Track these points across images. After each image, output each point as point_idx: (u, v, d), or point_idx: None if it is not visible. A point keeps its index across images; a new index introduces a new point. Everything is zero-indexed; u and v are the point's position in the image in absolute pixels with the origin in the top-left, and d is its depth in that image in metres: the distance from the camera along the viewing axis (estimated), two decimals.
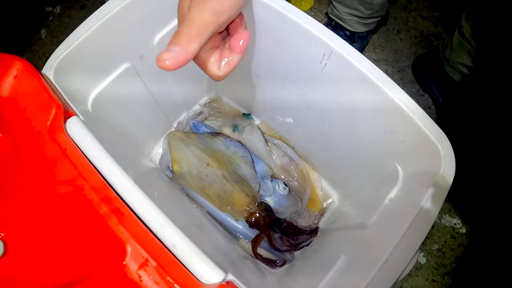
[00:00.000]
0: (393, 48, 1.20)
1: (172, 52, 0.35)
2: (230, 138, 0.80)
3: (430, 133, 0.51)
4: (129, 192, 0.41)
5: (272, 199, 0.77)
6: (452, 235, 1.00)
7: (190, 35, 0.37)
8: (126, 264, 0.37)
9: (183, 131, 0.84)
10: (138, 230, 0.39)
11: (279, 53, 0.62)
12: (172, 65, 0.35)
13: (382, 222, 0.56)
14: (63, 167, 0.41)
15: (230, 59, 0.44)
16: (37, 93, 0.45)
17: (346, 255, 0.56)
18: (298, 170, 0.83)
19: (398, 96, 0.52)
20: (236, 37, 0.44)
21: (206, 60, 0.43)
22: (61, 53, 0.52)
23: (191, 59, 0.37)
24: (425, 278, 0.96)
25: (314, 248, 0.74)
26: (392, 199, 0.57)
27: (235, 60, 0.44)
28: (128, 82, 0.65)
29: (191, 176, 0.72)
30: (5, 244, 0.34)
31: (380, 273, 0.46)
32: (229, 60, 0.44)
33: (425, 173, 0.52)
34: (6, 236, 0.35)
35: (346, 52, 0.52)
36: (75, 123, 0.45)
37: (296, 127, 0.80)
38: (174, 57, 0.35)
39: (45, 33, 1.24)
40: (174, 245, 0.40)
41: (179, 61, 0.36)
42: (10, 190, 0.39)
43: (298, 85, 0.66)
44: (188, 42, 0.36)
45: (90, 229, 0.39)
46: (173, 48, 0.36)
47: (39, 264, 0.35)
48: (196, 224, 0.60)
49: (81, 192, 0.40)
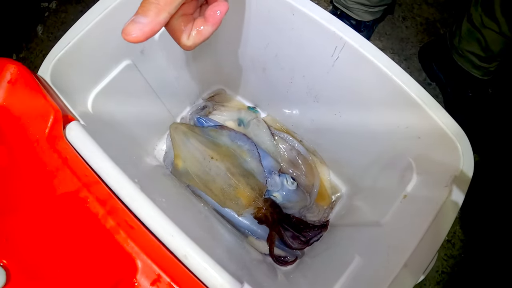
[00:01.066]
0: (399, 36, 1.17)
1: (139, 24, 0.33)
2: (235, 131, 0.78)
3: (447, 129, 0.49)
4: (136, 202, 0.39)
5: (280, 194, 0.76)
6: (461, 226, 0.98)
7: (160, 3, 0.33)
8: (137, 281, 0.35)
9: (186, 124, 0.82)
10: (148, 243, 0.37)
11: (287, 46, 0.59)
12: (138, 38, 0.33)
13: (398, 221, 0.54)
14: (64, 178, 0.39)
15: (201, 29, 0.40)
16: (33, 99, 0.42)
17: (361, 256, 0.54)
18: (306, 164, 0.81)
19: (414, 90, 0.50)
20: (213, 7, 0.40)
21: (177, 27, 0.39)
22: (57, 54, 0.48)
23: (159, 30, 0.34)
24: (435, 269, 0.95)
25: (325, 245, 0.73)
26: (407, 196, 0.55)
27: (207, 32, 0.40)
28: (129, 79, 0.63)
29: (193, 170, 0.70)
30: (7, 271, 0.32)
31: (399, 277, 0.44)
32: (200, 30, 0.40)
33: (443, 170, 0.49)
34: (8, 262, 0.32)
35: (360, 45, 0.50)
36: (75, 128, 0.43)
37: (304, 120, 0.77)
38: (141, 29, 0.33)
39: (42, 29, 1.20)
40: (186, 257, 0.38)
41: (146, 34, 0.33)
42: (8, 208, 0.37)
43: (307, 78, 0.64)
44: (156, 12, 0.33)
45: (97, 246, 0.36)
46: (140, 19, 0.33)
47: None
48: (205, 227, 0.58)
49: (85, 205, 0.37)
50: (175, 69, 0.72)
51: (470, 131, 0.51)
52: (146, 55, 0.63)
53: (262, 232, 0.74)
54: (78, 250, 0.36)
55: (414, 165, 0.56)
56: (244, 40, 0.66)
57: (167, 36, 0.62)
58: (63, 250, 0.35)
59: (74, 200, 0.38)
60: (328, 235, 0.76)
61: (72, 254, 0.36)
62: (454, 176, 0.48)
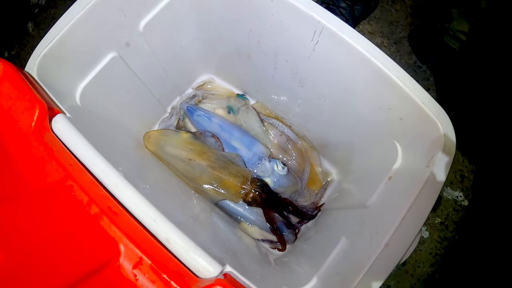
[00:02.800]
0: (388, 20, 1.16)
1: None
2: (194, 132, 0.79)
3: (429, 110, 0.49)
4: (119, 189, 0.40)
5: (271, 179, 0.77)
6: (454, 208, 0.99)
7: None
8: (120, 264, 0.37)
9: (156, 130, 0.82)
10: (130, 228, 0.38)
11: (268, 32, 0.60)
12: None
13: (382, 202, 0.55)
14: (51, 168, 0.40)
15: None
16: (20, 94, 0.43)
17: (348, 237, 0.55)
18: (296, 149, 0.82)
19: (394, 72, 0.50)
20: None
21: None
22: (42, 50, 0.50)
23: None
24: (428, 252, 0.96)
25: (316, 228, 0.74)
26: (391, 177, 0.56)
27: None
28: (116, 72, 0.63)
29: (180, 171, 0.71)
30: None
31: (381, 257, 0.45)
32: None
33: (425, 150, 0.50)
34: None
35: (339, 28, 0.50)
36: (60, 121, 0.44)
37: (292, 106, 0.78)
38: None
39: (32, 26, 1.21)
40: (168, 240, 0.39)
41: None
42: None
43: (290, 63, 0.64)
44: None
45: (83, 231, 0.38)
46: None
47: (32, 274, 0.35)
48: (192, 214, 0.59)
49: (71, 194, 0.39)
50: (162, 60, 0.73)
51: (462, 113, 0.51)
52: (132, 47, 0.63)
53: (254, 218, 0.75)
54: (66, 235, 0.37)
55: (399, 146, 0.56)
56: (228, 27, 0.67)
57: (152, 27, 0.63)
58: (50, 236, 0.37)
59: (60, 189, 0.39)
60: (319, 219, 0.77)
61: (60, 239, 0.37)
62: (435, 156, 0.48)
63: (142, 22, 0.62)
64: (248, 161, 0.77)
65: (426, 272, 0.95)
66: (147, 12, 0.61)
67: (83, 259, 0.36)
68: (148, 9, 0.61)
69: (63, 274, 0.35)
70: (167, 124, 0.84)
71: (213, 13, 0.65)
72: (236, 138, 0.79)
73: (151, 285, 0.36)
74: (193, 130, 0.84)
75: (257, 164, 0.76)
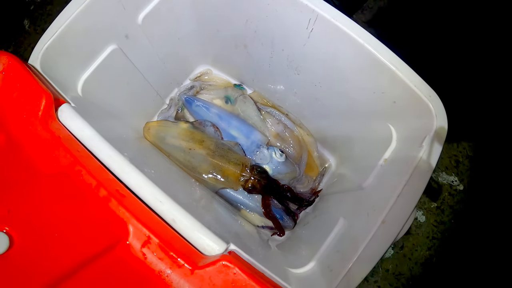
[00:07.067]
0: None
1: None
2: (192, 121, 0.80)
3: (420, 92, 0.51)
4: (125, 173, 0.42)
5: (270, 167, 0.78)
6: (450, 193, 1.01)
7: None
8: (129, 243, 0.38)
9: (155, 121, 0.83)
10: (138, 209, 0.40)
11: (264, 21, 0.62)
12: None
13: (378, 183, 0.57)
14: (59, 155, 0.42)
15: None
16: (25, 86, 0.44)
17: (346, 218, 0.57)
18: (293, 136, 0.84)
19: (386, 57, 0.52)
20: None
21: None
22: (45, 43, 0.51)
23: None
24: (425, 235, 0.98)
25: (315, 213, 0.76)
26: (387, 160, 0.58)
27: None
28: (116, 63, 0.65)
29: (181, 161, 0.73)
30: (11, 237, 0.35)
31: (378, 234, 0.47)
32: None
33: (418, 132, 0.52)
34: (11, 229, 0.35)
35: (332, 16, 0.52)
36: (66, 110, 0.46)
37: (288, 94, 0.80)
38: None
39: (28, 23, 1.21)
40: (174, 220, 0.41)
41: None
42: (9, 184, 0.40)
43: (286, 52, 0.66)
44: None
45: (93, 212, 0.39)
46: None
47: (45, 253, 0.36)
48: (195, 198, 0.61)
49: (79, 178, 0.41)
50: (160, 51, 0.74)
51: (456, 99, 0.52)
52: (131, 39, 0.65)
53: (254, 205, 0.77)
54: (75, 217, 0.39)
55: (393, 129, 0.58)
56: (225, 18, 0.68)
57: (150, 19, 0.65)
58: (61, 218, 0.38)
59: (69, 173, 0.41)
60: (317, 205, 0.79)
61: (70, 221, 0.39)
62: (428, 136, 0.50)
63: (141, 15, 0.63)
64: (246, 149, 0.78)
65: (424, 255, 0.97)
66: (146, 4, 0.63)
67: (94, 238, 0.38)
68: (146, 2, 0.63)
69: (76, 253, 0.37)
70: (166, 115, 0.85)
71: (210, 4, 0.66)
72: (234, 127, 0.80)
73: (159, 262, 0.38)
74: (191, 120, 0.86)
75: (256, 152, 0.78)
